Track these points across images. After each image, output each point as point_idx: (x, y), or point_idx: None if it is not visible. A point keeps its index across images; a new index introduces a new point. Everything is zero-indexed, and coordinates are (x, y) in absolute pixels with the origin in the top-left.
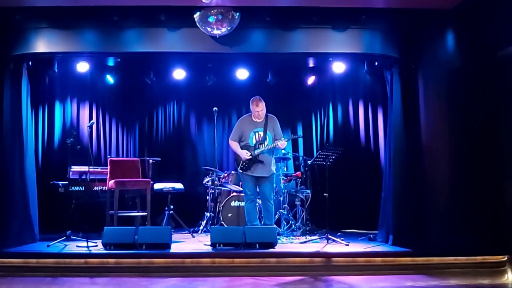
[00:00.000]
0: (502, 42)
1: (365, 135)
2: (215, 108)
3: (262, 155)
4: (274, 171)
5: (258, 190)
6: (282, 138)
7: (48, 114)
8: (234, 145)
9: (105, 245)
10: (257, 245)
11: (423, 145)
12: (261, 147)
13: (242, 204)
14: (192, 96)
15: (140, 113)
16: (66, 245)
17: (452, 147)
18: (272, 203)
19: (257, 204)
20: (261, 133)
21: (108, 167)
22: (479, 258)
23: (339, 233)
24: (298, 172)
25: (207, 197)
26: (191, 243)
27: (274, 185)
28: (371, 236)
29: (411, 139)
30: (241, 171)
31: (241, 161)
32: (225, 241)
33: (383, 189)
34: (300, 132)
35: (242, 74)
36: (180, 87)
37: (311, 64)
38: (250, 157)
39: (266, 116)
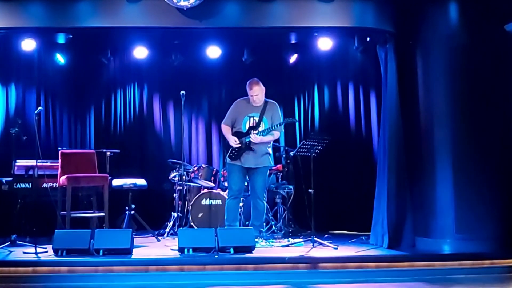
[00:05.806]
0: (510, 14)
1: (355, 122)
2: (182, 92)
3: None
4: (269, 164)
5: (246, 185)
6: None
7: None
8: (225, 130)
9: (56, 251)
10: (231, 249)
11: (422, 132)
12: (252, 132)
13: (214, 202)
14: (156, 78)
15: (95, 98)
16: (11, 251)
17: (455, 135)
18: (263, 201)
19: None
20: (256, 119)
21: (59, 160)
22: (487, 263)
23: (326, 235)
24: (278, 165)
25: (174, 195)
26: (156, 247)
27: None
28: (363, 238)
29: (409, 126)
30: (229, 159)
31: (231, 149)
32: (195, 246)
33: (377, 184)
34: (281, 118)
35: (213, 52)
36: (142, 68)
37: (293, 40)
38: (239, 145)
39: (266, 102)
